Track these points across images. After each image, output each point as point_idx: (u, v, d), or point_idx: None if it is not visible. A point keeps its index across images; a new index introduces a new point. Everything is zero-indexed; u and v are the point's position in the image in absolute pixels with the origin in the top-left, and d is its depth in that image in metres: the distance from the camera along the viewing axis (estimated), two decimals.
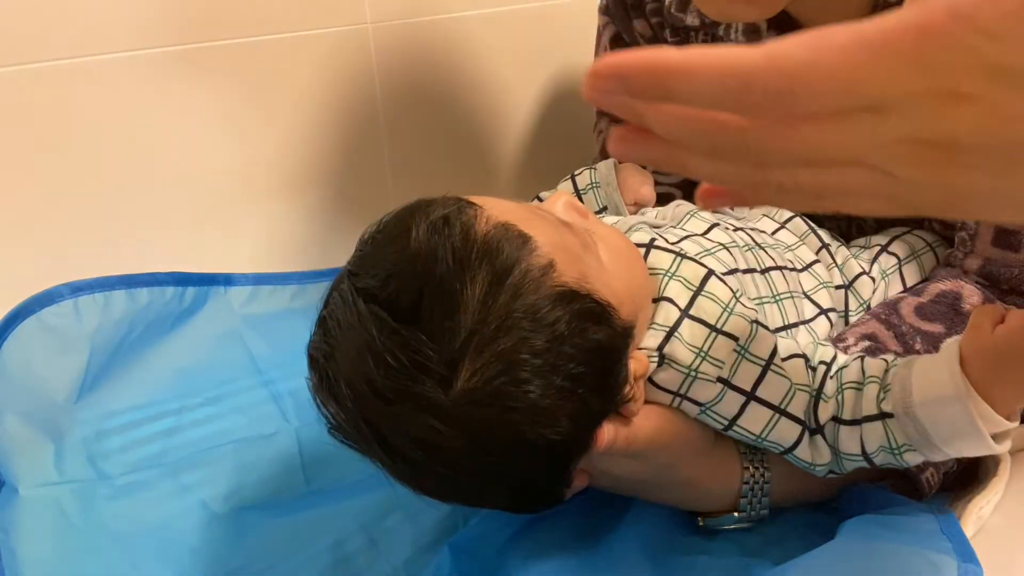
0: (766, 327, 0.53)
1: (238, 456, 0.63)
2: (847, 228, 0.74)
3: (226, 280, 0.75)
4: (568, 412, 0.43)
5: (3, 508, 0.58)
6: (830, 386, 0.52)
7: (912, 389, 0.48)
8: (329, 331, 0.45)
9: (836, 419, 0.51)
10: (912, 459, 0.50)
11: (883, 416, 0.49)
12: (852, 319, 0.63)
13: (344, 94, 0.90)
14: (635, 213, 0.69)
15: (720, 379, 0.50)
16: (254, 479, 0.61)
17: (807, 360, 0.53)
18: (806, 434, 0.52)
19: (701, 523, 0.56)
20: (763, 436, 0.52)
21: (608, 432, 0.48)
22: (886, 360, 0.52)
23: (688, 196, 0.80)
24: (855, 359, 0.53)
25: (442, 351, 0.42)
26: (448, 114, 0.96)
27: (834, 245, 0.67)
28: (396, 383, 0.42)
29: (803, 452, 0.52)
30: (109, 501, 0.59)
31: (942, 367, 0.47)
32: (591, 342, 0.44)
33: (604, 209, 0.71)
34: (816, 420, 0.52)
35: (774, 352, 0.52)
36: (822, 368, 0.53)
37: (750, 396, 0.51)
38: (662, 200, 0.70)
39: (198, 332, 0.71)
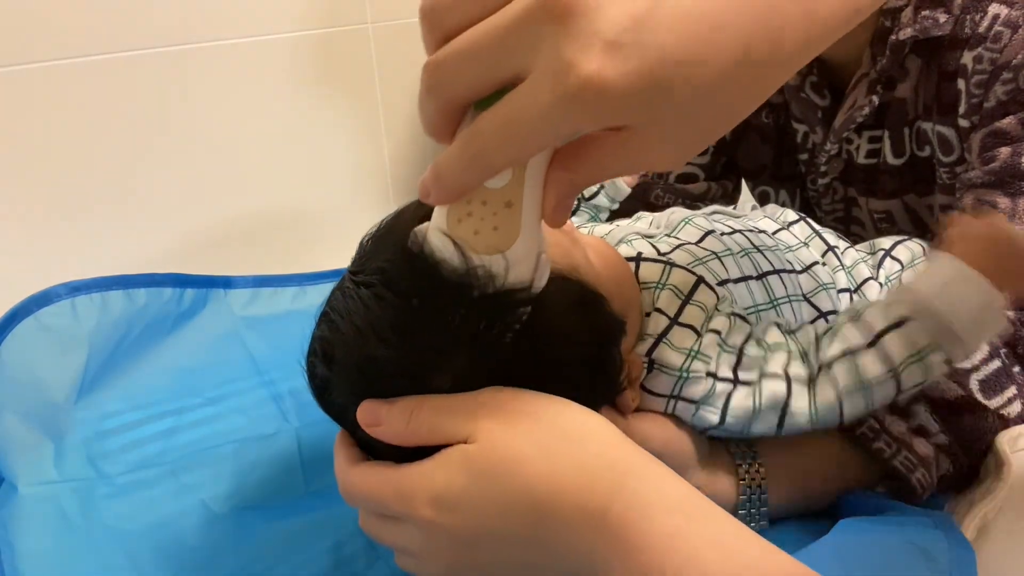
0: (743, 317, 0.55)
1: (238, 456, 0.63)
2: (844, 233, 0.74)
3: (225, 283, 0.75)
4: (568, 391, 0.43)
5: (2, 504, 0.58)
6: (825, 328, 0.55)
7: (916, 287, 0.51)
8: (331, 319, 0.45)
9: (849, 351, 0.52)
10: (937, 365, 0.51)
11: (900, 323, 0.51)
12: None
13: (344, 94, 0.90)
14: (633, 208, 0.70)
15: (709, 373, 0.52)
16: (254, 479, 0.61)
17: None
18: (793, 384, 0.52)
19: None
20: (759, 407, 0.52)
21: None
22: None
23: (710, 176, 0.85)
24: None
25: (443, 324, 0.42)
26: None
27: (841, 247, 0.66)
28: (399, 353, 0.42)
29: (800, 401, 0.52)
30: (108, 500, 0.59)
31: (935, 259, 0.51)
32: (586, 321, 0.46)
33: (601, 188, 0.73)
34: (821, 360, 0.53)
35: (748, 337, 0.54)
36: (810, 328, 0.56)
37: (735, 382, 0.52)
38: (660, 208, 0.70)
39: (198, 333, 0.71)
